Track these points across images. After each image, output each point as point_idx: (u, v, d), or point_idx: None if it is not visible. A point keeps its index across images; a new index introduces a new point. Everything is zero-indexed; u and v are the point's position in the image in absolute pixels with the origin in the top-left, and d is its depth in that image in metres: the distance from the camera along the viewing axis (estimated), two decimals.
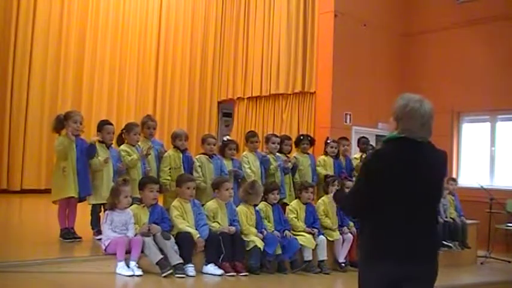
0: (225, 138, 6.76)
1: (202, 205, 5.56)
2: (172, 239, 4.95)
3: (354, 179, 6.68)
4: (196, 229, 5.19)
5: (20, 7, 9.93)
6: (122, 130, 6.02)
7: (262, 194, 5.82)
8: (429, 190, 2.71)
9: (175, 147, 6.22)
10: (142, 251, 4.81)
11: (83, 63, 10.88)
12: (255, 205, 5.80)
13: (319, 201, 6.48)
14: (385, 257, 2.65)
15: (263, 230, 5.62)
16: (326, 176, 6.85)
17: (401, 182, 2.65)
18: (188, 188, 5.32)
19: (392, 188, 2.65)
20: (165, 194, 5.99)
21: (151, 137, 6.43)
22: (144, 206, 5.16)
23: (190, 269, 4.89)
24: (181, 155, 6.16)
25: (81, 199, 5.60)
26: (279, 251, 5.61)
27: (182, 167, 6.07)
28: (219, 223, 5.41)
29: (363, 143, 7.98)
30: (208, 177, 6.02)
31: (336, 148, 7.45)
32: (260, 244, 5.44)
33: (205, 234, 5.17)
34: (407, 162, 2.68)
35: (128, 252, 4.76)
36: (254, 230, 5.58)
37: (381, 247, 2.68)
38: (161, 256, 4.71)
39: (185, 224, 5.16)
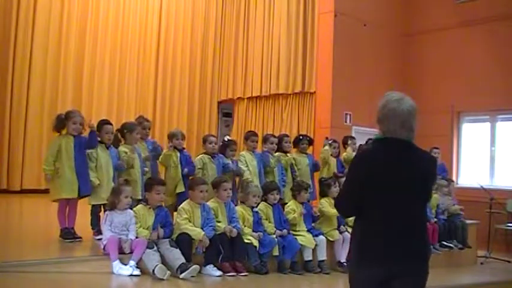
0: (225, 139, 6.77)
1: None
2: (178, 250, 4.89)
3: None
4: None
5: (20, 7, 9.92)
6: (117, 130, 5.99)
7: (256, 195, 5.76)
8: (414, 190, 2.71)
9: (172, 146, 6.22)
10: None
11: (83, 63, 10.88)
12: (253, 207, 5.79)
13: (323, 202, 6.39)
14: (372, 258, 2.68)
15: (259, 232, 5.60)
16: (320, 179, 6.83)
17: (384, 182, 2.67)
18: (201, 191, 5.26)
19: (376, 189, 2.68)
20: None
21: (147, 137, 6.43)
22: (150, 208, 5.14)
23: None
24: (178, 154, 6.17)
25: (81, 197, 5.59)
26: (276, 252, 5.59)
27: (180, 166, 6.08)
28: (219, 221, 5.40)
29: (352, 143, 7.90)
30: (210, 176, 6.01)
31: (337, 148, 7.46)
32: (256, 243, 5.43)
33: (210, 235, 5.13)
34: (390, 163, 2.70)
35: (121, 252, 4.74)
36: (250, 230, 5.55)
37: (367, 248, 2.70)
38: (157, 263, 4.67)
39: (189, 225, 5.12)
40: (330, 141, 7.48)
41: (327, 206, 6.25)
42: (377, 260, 2.66)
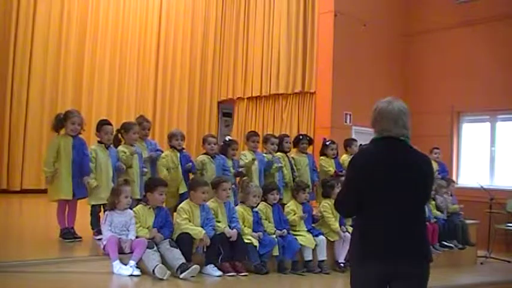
0: (227, 138, 6.75)
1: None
2: (179, 250, 4.89)
3: None
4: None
5: (20, 7, 9.93)
6: (117, 130, 5.99)
7: (257, 195, 5.75)
8: (413, 190, 2.73)
9: (172, 147, 6.22)
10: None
11: (83, 63, 10.89)
12: (253, 207, 5.78)
13: (325, 204, 6.40)
14: (369, 257, 2.69)
15: (259, 232, 5.59)
16: (323, 180, 6.80)
17: (383, 182, 2.70)
18: (203, 193, 5.26)
19: (375, 189, 2.70)
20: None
21: (146, 137, 6.42)
22: (150, 208, 5.14)
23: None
24: (178, 155, 6.17)
25: (77, 199, 5.59)
26: (276, 252, 5.59)
27: (180, 167, 6.07)
28: (219, 221, 5.40)
29: (354, 145, 7.80)
30: (210, 176, 6.00)
31: (336, 149, 7.44)
32: (256, 243, 5.43)
33: (210, 234, 5.13)
34: (388, 163, 2.73)
35: (121, 252, 4.74)
36: (250, 230, 5.56)
37: (366, 246, 2.72)
38: (157, 263, 4.67)
39: (190, 224, 5.12)
40: (328, 142, 7.46)
41: (329, 213, 6.23)
42: (377, 260, 2.67)
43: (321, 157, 7.42)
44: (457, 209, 7.86)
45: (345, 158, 7.51)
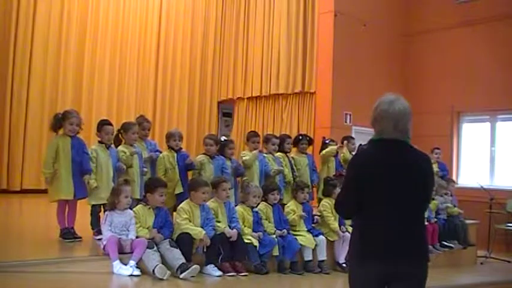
0: (222, 138, 6.75)
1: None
2: (178, 250, 4.89)
3: None
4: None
5: (20, 7, 9.93)
6: (118, 130, 5.98)
7: (257, 195, 5.75)
8: (412, 190, 2.72)
9: (170, 147, 6.22)
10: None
11: (83, 63, 10.89)
12: (253, 207, 5.78)
13: (325, 204, 6.39)
14: (369, 256, 2.69)
15: (259, 232, 5.60)
16: (326, 178, 6.81)
17: (383, 181, 2.69)
18: (204, 193, 5.26)
19: (374, 187, 2.69)
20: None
21: (146, 137, 6.42)
22: (150, 208, 5.14)
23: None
24: (175, 155, 6.16)
25: (78, 198, 5.59)
26: (276, 252, 5.59)
27: (177, 167, 6.08)
28: (219, 221, 5.40)
29: (351, 143, 7.87)
30: (208, 177, 6.00)
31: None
32: (256, 243, 5.44)
33: (210, 234, 5.13)
34: (387, 163, 2.72)
35: (121, 252, 4.74)
36: (250, 230, 5.56)
37: (366, 246, 2.71)
38: (157, 263, 4.67)
39: (190, 224, 5.12)
40: (327, 141, 7.47)
41: (329, 213, 6.23)
42: (377, 260, 2.67)
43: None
44: (456, 212, 7.86)
45: (342, 156, 7.55)
